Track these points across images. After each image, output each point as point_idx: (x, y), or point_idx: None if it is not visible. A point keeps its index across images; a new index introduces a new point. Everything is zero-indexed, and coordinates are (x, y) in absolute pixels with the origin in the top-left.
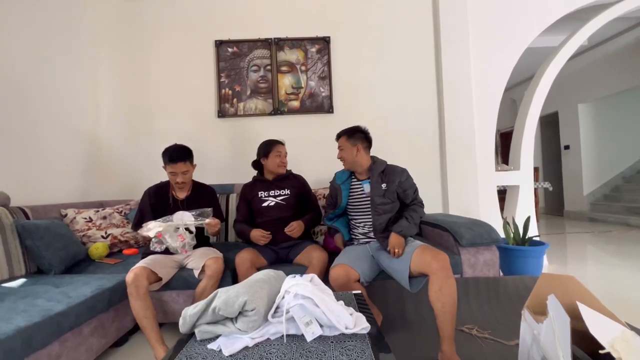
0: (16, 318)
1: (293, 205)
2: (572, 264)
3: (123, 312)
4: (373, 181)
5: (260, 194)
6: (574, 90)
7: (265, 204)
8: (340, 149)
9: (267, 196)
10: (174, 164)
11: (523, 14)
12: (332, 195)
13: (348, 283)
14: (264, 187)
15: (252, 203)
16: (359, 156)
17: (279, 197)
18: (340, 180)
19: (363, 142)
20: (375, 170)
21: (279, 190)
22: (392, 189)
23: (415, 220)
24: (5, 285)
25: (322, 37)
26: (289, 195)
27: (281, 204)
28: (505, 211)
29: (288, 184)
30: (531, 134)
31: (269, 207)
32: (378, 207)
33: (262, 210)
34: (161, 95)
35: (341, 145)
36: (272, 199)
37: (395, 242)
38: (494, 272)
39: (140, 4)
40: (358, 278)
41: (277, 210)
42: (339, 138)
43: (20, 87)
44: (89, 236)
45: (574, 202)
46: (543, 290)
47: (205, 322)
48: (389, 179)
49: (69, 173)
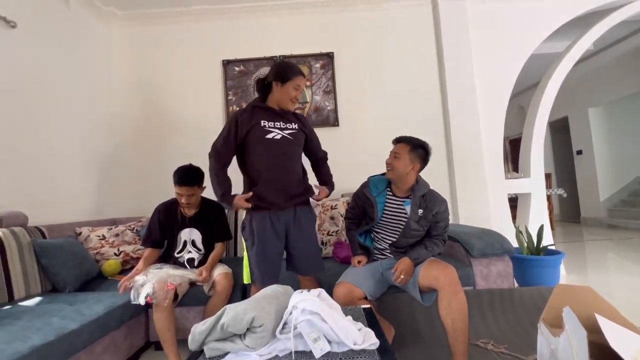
0: (32, 337)
1: (300, 144)
2: (593, 273)
3: (135, 330)
4: (412, 204)
5: (263, 123)
6: (583, 94)
7: (270, 136)
8: (394, 156)
9: (272, 127)
10: (180, 187)
11: (526, 21)
12: (360, 206)
13: (352, 301)
14: (268, 117)
15: (250, 134)
16: (411, 174)
17: (286, 130)
18: (376, 190)
19: (421, 163)
20: (418, 192)
21: (286, 123)
22: (428, 218)
23: (433, 253)
24: (22, 304)
25: (326, 52)
26: (296, 131)
27: (289, 139)
28: (517, 220)
29: (294, 119)
30: (540, 140)
31: (274, 141)
32: (410, 232)
33: (265, 143)
34: (171, 114)
35: (398, 152)
36: (278, 131)
37: (405, 267)
38: (508, 284)
39: (152, 27)
40: (363, 296)
41: (285, 146)
42: (399, 143)
43: (37, 111)
44: (102, 253)
45: (590, 208)
46: (559, 302)
47: (214, 339)
48: (427, 205)
49: (83, 192)
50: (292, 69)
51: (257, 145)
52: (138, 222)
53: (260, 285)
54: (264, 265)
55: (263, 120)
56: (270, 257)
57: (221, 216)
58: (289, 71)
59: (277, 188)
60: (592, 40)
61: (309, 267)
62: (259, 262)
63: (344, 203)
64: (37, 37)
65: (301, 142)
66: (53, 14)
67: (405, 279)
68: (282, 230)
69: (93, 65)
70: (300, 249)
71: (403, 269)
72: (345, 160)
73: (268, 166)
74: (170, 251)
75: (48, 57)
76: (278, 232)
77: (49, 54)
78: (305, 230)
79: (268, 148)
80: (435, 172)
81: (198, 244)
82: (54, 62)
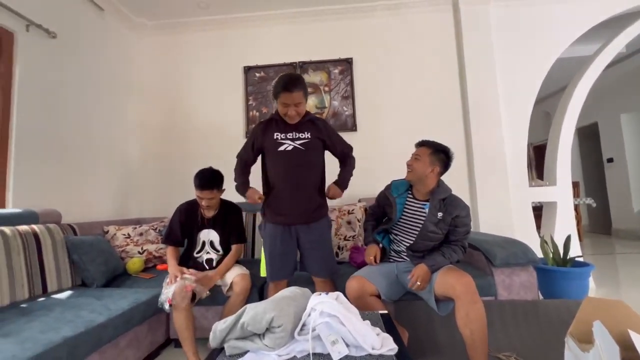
0: (64, 328)
1: (315, 153)
2: (625, 288)
3: (156, 326)
4: (431, 206)
5: (276, 136)
6: (614, 99)
7: (282, 148)
8: (415, 158)
9: (284, 138)
10: (200, 191)
11: (552, 24)
12: (381, 205)
13: (363, 296)
14: (282, 128)
15: (265, 144)
16: (430, 177)
17: (298, 140)
18: (397, 192)
19: (441, 166)
20: (437, 195)
21: (299, 133)
22: (447, 221)
23: (452, 260)
24: (55, 297)
25: (345, 58)
26: (308, 140)
27: (300, 149)
28: (542, 229)
29: (309, 126)
30: (567, 146)
31: (286, 153)
32: (428, 234)
33: (277, 155)
34: (194, 118)
35: (419, 155)
36: (289, 142)
37: (421, 274)
38: (532, 295)
39: (179, 36)
40: (375, 292)
41: (296, 158)
42: (421, 146)
43: (73, 115)
44: (127, 252)
45: (622, 219)
46: (588, 315)
47: (234, 338)
48: (447, 209)
49: (111, 193)
50: (278, 86)
51: (271, 157)
52: (161, 222)
53: (270, 281)
54: (274, 263)
55: (276, 133)
56: (280, 257)
57: (239, 218)
58: (276, 87)
59: (288, 202)
60: (625, 43)
61: (318, 269)
62: (270, 260)
63: (361, 208)
64: (75, 46)
65: (316, 150)
66: (89, 25)
67: (422, 286)
68: (294, 239)
69: (125, 73)
70: (311, 250)
71: (419, 276)
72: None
73: (279, 179)
74: (189, 251)
75: (84, 65)
76: (291, 235)
77: (86, 62)
78: (316, 236)
79: (280, 160)
80: (455, 179)
81: (216, 244)
82: (89, 70)
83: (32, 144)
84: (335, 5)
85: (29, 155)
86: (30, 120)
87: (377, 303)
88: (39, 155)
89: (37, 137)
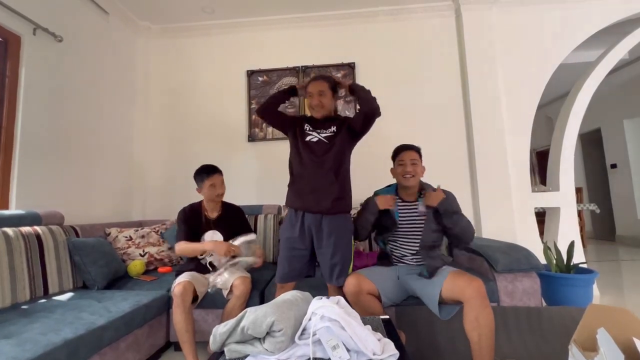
0: (64, 330)
1: (339, 148)
2: (630, 295)
3: (156, 329)
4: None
5: (305, 126)
6: (618, 105)
7: (308, 139)
8: (413, 163)
9: (311, 130)
10: (212, 176)
11: (554, 30)
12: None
13: (359, 293)
14: (311, 123)
15: (294, 132)
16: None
17: (323, 133)
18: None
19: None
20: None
21: (326, 129)
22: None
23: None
24: (56, 298)
25: (348, 63)
26: (333, 134)
27: (324, 142)
28: (545, 235)
29: (335, 121)
30: (570, 152)
31: (310, 143)
32: (432, 226)
33: (302, 145)
34: (197, 123)
35: (415, 159)
36: (315, 134)
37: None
38: (535, 302)
39: (183, 40)
40: (374, 292)
41: (319, 149)
42: (410, 150)
43: (77, 118)
44: (129, 254)
45: (627, 226)
46: (592, 323)
47: (234, 341)
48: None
49: (113, 195)
50: (308, 82)
51: (297, 145)
52: (162, 224)
53: (277, 282)
54: (284, 265)
55: (306, 124)
56: (290, 259)
57: (242, 216)
58: (303, 87)
59: (306, 190)
60: (627, 49)
61: (328, 275)
62: (281, 261)
63: None
64: (80, 50)
65: (342, 144)
66: (95, 29)
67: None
68: (307, 233)
69: (129, 76)
70: (321, 255)
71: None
72: (365, 171)
73: (302, 166)
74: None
75: (89, 68)
76: (305, 234)
77: (91, 65)
78: (327, 239)
79: (304, 150)
80: (458, 184)
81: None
82: (94, 73)
83: (36, 146)
84: (338, 10)
85: (33, 158)
86: (35, 123)
87: (373, 302)
88: (42, 157)
89: (41, 140)
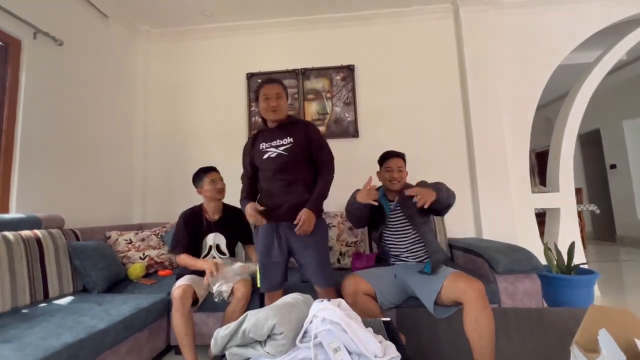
0: (64, 334)
1: (299, 157)
2: (631, 296)
3: (157, 332)
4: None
5: (261, 146)
6: (616, 106)
7: (266, 156)
8: (399, 170)
9: (268, 147)
10: (210, 172)
11: (553, 31)
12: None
13: (356, 294)
14: (266, 138)
15: (255, 158)
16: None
17: (281, 146)
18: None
19: None
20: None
21: (283, 139)
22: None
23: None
24: (56, 302)
25: (347, 65)
26: (292, 144)
27: (283, 154)
28: (545, 236)
29: (291, 130)
30: (569, 153)
31: (270, 160)
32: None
33: (264, 163)
34: (197, 125)
35: (401, 166)
36: (273, 149)
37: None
38: (536, 303)
39: (183, 43)
40: (371, 292)
41: (280, 163)
42: (396, 157)
43: (77, 121)
44: (129, 257)
45: (627, 226)
46: (593, 324)
47: (235, 345)
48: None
49: (113, 198)
50: (261, 83)
51: (259, 165)
52: (162, 227)
53: (264, 291)
54: (266, 273)
55: (262, 143)
56: (271, 267)
57: (244, 219)
58: (258, 87)
59: (275, 202)
60: (625, 50)
61: (315, 278)
62: (262, 270)
63: None
64: (80, 53)
65: (300, 153)
66: (95, 32)
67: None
68: (284, 241)
69: (130, 80)
70: (304, 258)
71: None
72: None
73: (268, 180)
74: (196, 256)
75: (90, 72)
76: (281, 243)
77: (91, 69)
78: (305, 242)
79: (266, 167)
80: (457, 185)
81: (222, 248)
82: (94, 77)
83: (36, 150)
84: (337, 13)
85: (33, 161)
86: (35, 127)
87: (370, 302)
88: (43, 161)
89: (41, 143)
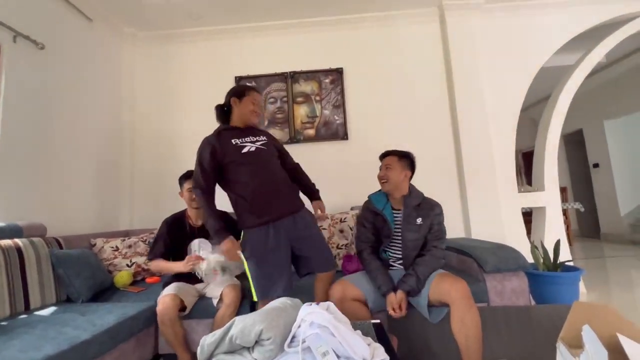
0: (46, 346)
1: (275, 155)
2: (616, 291)
3: (144, 342)
4: (406, 213)
5: (234, 141)
6: (598, 106)
7: (245, 150)
8: (386, 167)
9: (243, 142)
10: (189, 180)
11: (535, 35)
12: (370, 225)
13: (344, 300)
14: (236, 135)
15: (227, 156)
16: (404, 182)
17: (258, 142)
18: (380, 204)
19: (411, 170)
20: (410, 202)
21: (255, 137)
22: (427, 224)
23: (426, 274)
24: (37, 313)
25: (335, 68)
26: (266, 141)
27: (262, 149)
28: (532, 234)
29: (260, 132)
30: (553, 153)
31: (250, 153)
32: (409, 243)
33: (243, 157)
34: (185, 129)
35: (389, 164)
36: (250, 144)
37: (397, 300)
38: (524, 301)
39: (170, 47)
40: (360, 297)
41: (262, 156)
42: (387, 156)
43: (60, 126)
44: (115, 265)
45: (610, 223)
46: (577, 320)
47: (222, 352)
48: (426, 213)
49: (99, 205)
50: (248, 87)
51: (237, 162)
52: (150, 233)
53: (262, 300)
54: (263, 280)
55: (233, 139)
56: (270, 272)
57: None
58: (245, 88)
59: (269, 196)
60: (604, 53)
61: (323, 262)
62: (258, 277)
63: (353, 216)
64: (63, 57)
65: (275, 152)
66: (78, 36)
67: (400, 313)
68: (285, 239)
69: (115, 84)
70: (309, 246)
71: (395, 303)
72: (354, 174)
73: (254, 176)
74: None
75: (73, 76)
76: (281, 243)
77: (74, 73)
78: (309, 230)
79: (248, 161)
80: (445, 186)
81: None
82: (78, 81)
83: (16, 156)
84: (325, 17)
85: (13, 167)
86: (16, 132)
87: (359, 308)
88: (24, 167)
89: (22, 149)
